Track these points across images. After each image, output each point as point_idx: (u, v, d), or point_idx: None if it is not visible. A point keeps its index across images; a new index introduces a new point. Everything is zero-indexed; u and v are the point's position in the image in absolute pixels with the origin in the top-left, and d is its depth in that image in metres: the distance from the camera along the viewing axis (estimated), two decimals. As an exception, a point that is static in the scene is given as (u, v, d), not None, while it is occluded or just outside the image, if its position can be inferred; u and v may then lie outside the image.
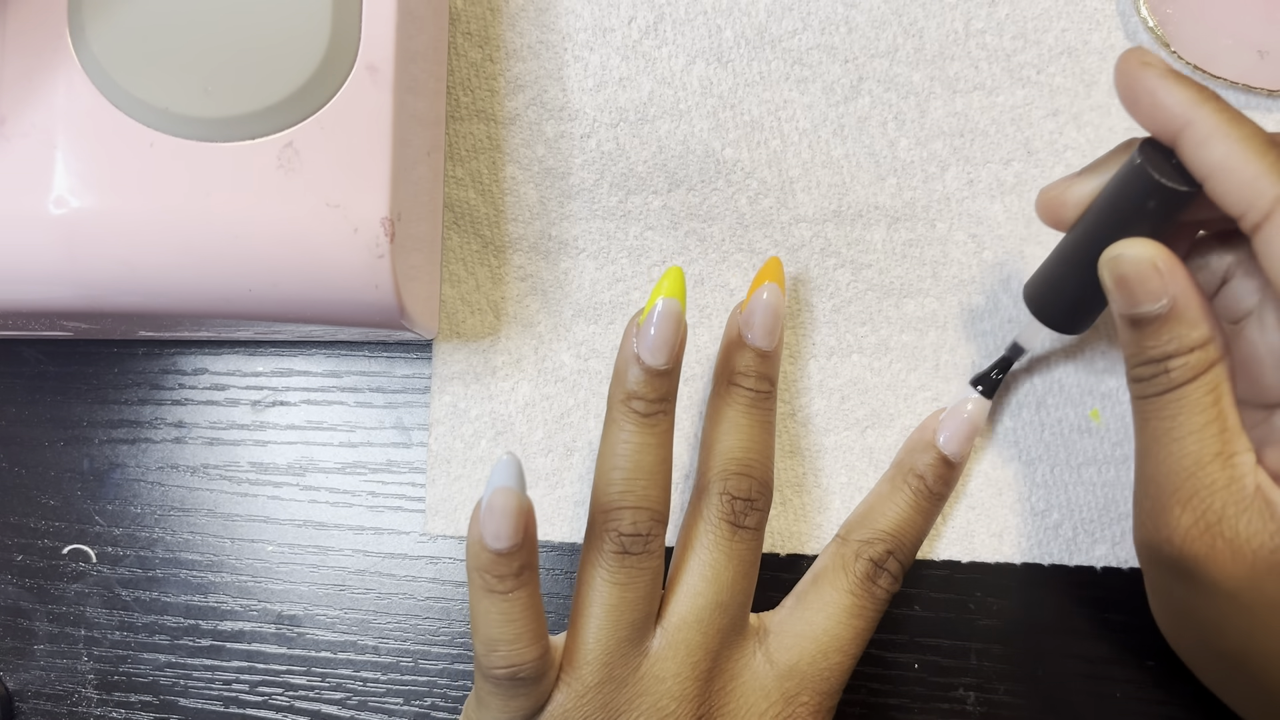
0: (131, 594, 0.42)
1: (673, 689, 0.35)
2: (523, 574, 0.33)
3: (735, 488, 0.37)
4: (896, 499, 0.39)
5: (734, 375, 0.38)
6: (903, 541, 0.38)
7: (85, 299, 0.35)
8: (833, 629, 0.37)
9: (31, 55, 0.34)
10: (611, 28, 0.42)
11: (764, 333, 0.38)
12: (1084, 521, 0.41)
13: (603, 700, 0.35)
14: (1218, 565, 0.32)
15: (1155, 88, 0.32)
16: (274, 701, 0.42)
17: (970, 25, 0.42)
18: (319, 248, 0.34)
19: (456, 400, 0.42)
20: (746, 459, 0.37)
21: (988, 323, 0.42)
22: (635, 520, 0.35)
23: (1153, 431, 0.33)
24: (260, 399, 0.43)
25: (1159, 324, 0.32)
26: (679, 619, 0.36)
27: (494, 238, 0.42)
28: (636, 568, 0.35)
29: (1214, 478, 0.32)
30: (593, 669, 0.35)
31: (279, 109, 0.34)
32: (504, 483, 0.32)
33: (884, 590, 0.38)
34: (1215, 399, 0.32)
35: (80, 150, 0.33)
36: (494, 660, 0.33)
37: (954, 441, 0.39)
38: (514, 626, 0.33)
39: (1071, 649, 0.41)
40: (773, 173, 0.42)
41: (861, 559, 0.38)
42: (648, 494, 0.35)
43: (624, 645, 0.35)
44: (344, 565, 0.42)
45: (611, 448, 0.36)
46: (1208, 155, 0.31)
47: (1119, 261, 0.33)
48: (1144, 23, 0.42)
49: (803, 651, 0.37)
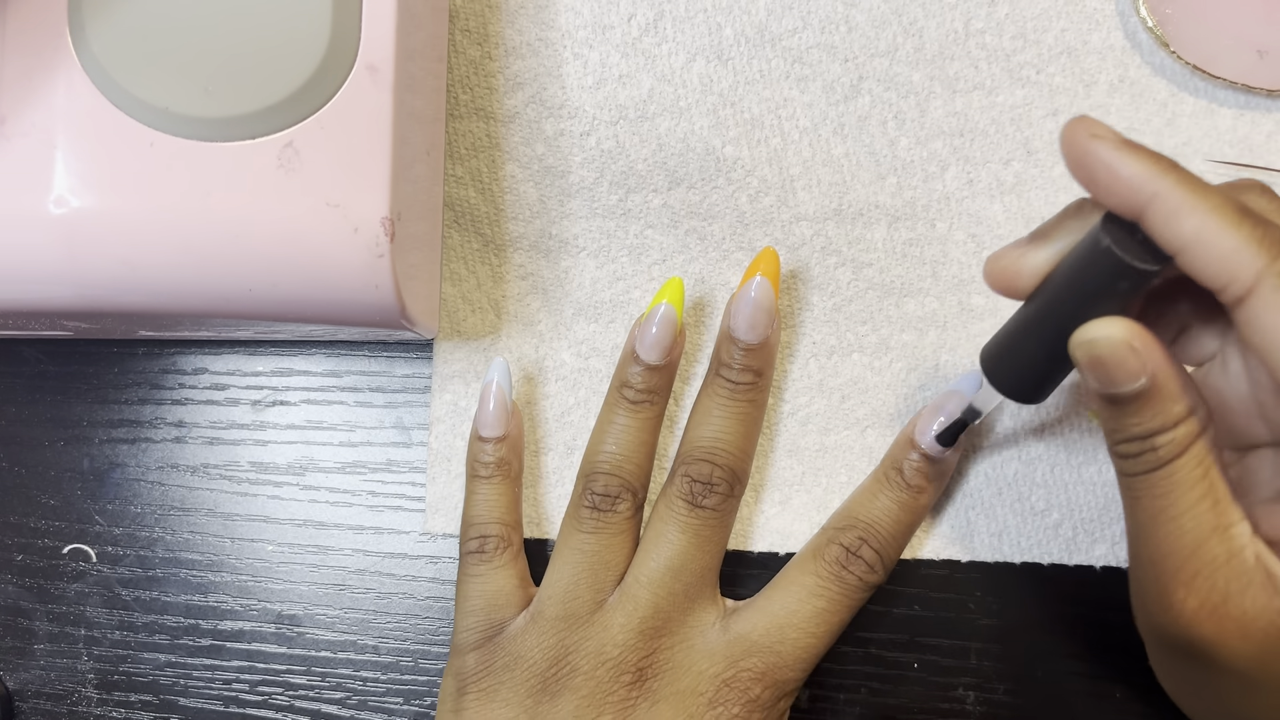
0: (131, 593, 0.42)
1: (617, 637, 0.38)
2: (502, 466, 0.40)
3: (696, 472, 0.39)
4: (876, 491, 0.40)
5: (719, 367, 0.40)
6: (877, 531, 0.39)
7: (85, 298, 0.34)
8: (790, 604, 0.38)
9: (31, 55, 0.34)
10: (611, 25, 0.42)
11: (747, 325, 0.39)
12: (1084, 521, 0.41)
13: (557, 634, 0.38)
14: (1228, 646, 0.31)
15: (1112, 161, 0.30)
16: (274, 701, 0.42)
17: (970, 25, 0.42)
18: (319, 247, 0.34)
19: (457, 399, 0.42)
20: (713, 447, 0.39)
21: (988, 322, 0.42)
22: (607, 484, 0.39)
23: (1146, 511, 0.32)
24: (260, 399, 0.43)
25: (1140, 402, 0.31)
26: (632, 578, 0.39)
27: (494, 236, 0.42)
28: (602, 521, 0.39)
29: (1214, 554, 0.31)
30: (553, 604, 0.38)
31: (279, 109, 0.34)
32: (496, 379, 0.40)
33: (855, 576, 0.38)
34: (1205, 471, 0.31)
35: (80, 150, 0.33)
36: (467, 534, 0.40)
37: (928, 435, 0.39)
38: (486, 506, 0.40)
39: (1071, 649, 0.41)
40: (773, 171, 0.42)
41: (833, 544, 0.39)
42: (623, 466, 0.39)
43: (583, 589, 0.39)
44: (344, 565, 0.42)
45: (601, 427, 0.40)
46: (1179, 229, 0.29)
47: (1094, 345, 0.31)
48: (1143, 23, 0.42)
49: (756, 623, 0.38)
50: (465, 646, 0.39)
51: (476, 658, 0.38)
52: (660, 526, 0.39)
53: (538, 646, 0.38)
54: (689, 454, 0.39)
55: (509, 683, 0.38)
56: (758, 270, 0.39)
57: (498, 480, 0.40)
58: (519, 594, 0.39)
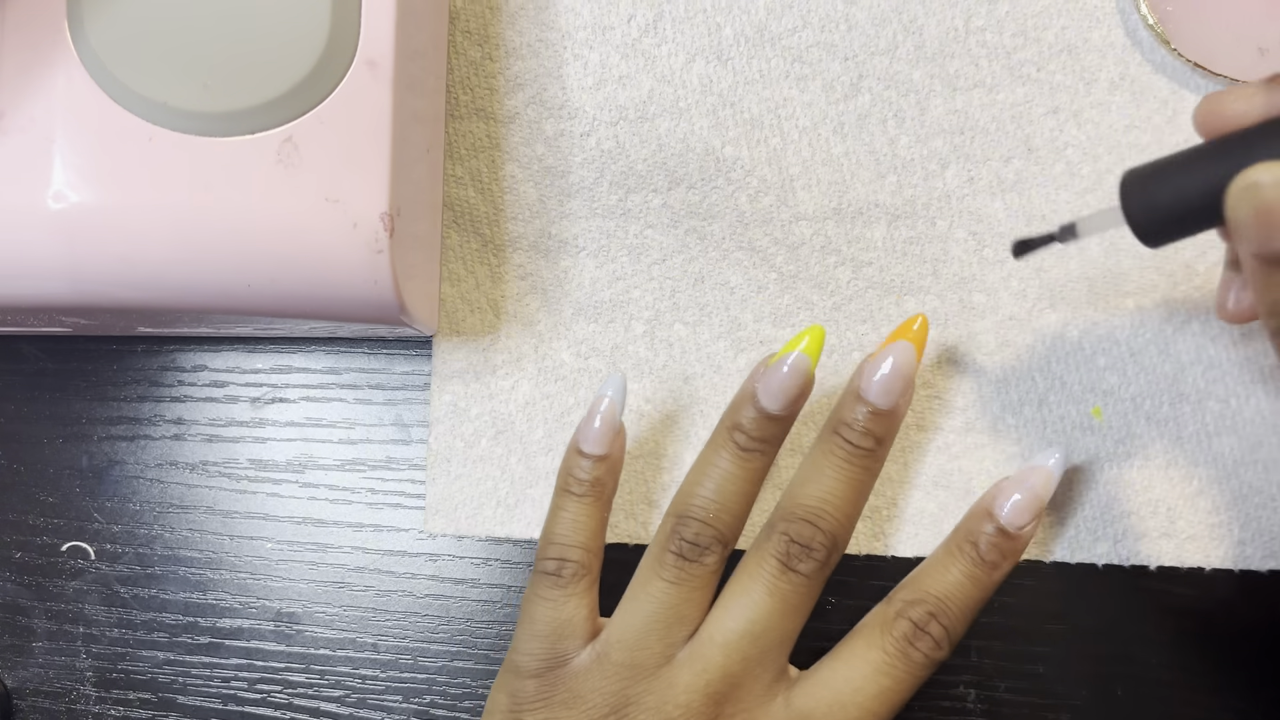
0: (130, 591, 0.42)
1: (680, 698, 0.36)
2: (596, 486, 0.38)
3: (796, 532, 0.36)
4: (948, 564, 0.37)
5: (838, 424, 0.37)
6: (948, 606, 0.37)
7: (84, 294, 0.34)
8: (855, 681, 0.36)
9: (30, 50, 0.34)
10: (611, 26, 0.42)
11: (881, 390, 0.36)
12: (1086, 519, 0.41)
13: (620, 681, 0.36)
14: None
15: None
16: (273, 699, 0.42)
17: (970, 23, 0.42)
18: (318, 243, 0.34)
19: (456, 399, 0.42)
20: (819, 508, 0.36)
21: (989, 320, 0.42)
22: (699, 532, 0.37)
23: None
24: (259, 396, 0.43)
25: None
26: (706, 636, 0.36)
27: (493, 236, 0.42)
28: (685, 572, 0.36)
29: None
30: (620, 648, 0.36)
31: (278, 104, 0.34)
32: (610, 395, 0.38)
33: (922, 654, 0.36)
34: None
35: (79, 145, 0.33)
36: (547, 552, 0.37)
37: (1014, 512, 0.37)
38: (573, 526, 0.37)
39: (1072, 647, 0.41)
40: (773, 170, 0.42)
41: (902, 618, 0.36)
42: (719, 515, 0.37)
43: (653, 640, 0.36)
44: (343, 562, 0.42)
45: (702, 467, 0.38)
46: None
47: (1258, 190, 0.27)
48: (1144, 20, 0.42)
49: (820, 699, 0.36)
50: (525, 671, 0.37)
51: (536, 686, 0.36)
52: (747, 583, 0.37)
53: (599, 690, 0.36)
54: (791, 511, 0.37)
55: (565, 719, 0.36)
56: (903, 336, 0.37)
57: (589, 501, 0.38)
58: (587, 626, 0.37)
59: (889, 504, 0.41)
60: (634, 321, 0.42)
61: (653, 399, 0.42)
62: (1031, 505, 0.37)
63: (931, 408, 0.42)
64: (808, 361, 0.36)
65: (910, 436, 0.42)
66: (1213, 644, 0.41)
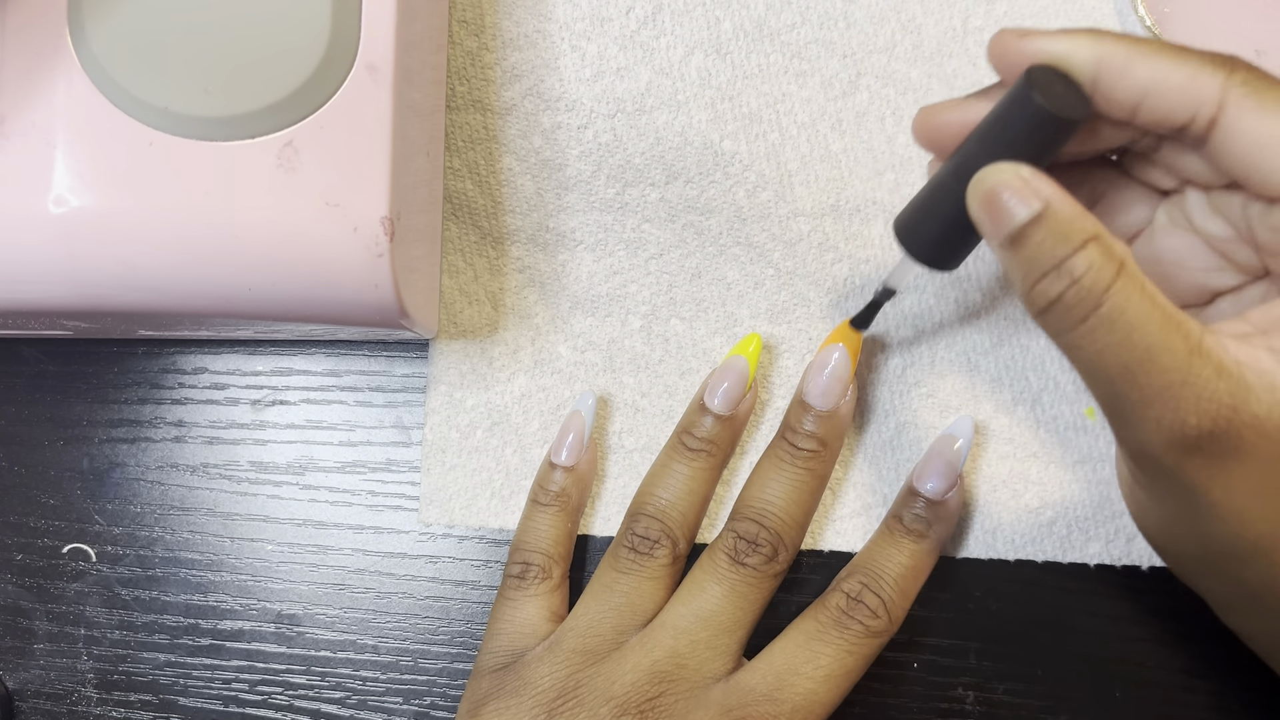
0: (131, 593, 0.42)
1: (626, 677, 0.37)
2: (561, 497, 0.40)
3: (744, 529, 0.38)
4: (880, 540, 0.40)
5: (785, 429, 0.40)
6: (879, 577, 0.38)
7: (85, 298, 0.34)
8: (790, 652, 0.37)
9: (31, 54, 0.34)
10: (609, 17, 0.42)
11: (819, 393, 0.39)
12: (1078, 519, 0.41)
13: (570, 667, 0.37)
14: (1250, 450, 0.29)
15: (1048, 46, 0.31)
16: (273, 700, 0.42)
17: (968, 22, 0.42)
18: (318, 247, 0.34)
19: (453, 391, 0.42)
20: (763, 509, 0.39)
21: (985, 318, 0.42)
22: (648, 527, 0.39)
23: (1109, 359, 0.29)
24: (260, 398, 0.43)
25: (1038, 225, 0.29)
26: (657, 622, 0.38)
27: (491, 229, 0.42)
28: (636, 563, 0.39)
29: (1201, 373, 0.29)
30: (573, 637, 0.38)
31: (279, 108, 0.34)
32: (582, 411, 0.41)
33: (859, 623, 0.37)
34: (1149, 295, 0.29)
35: (79, 149, 0.33)
36: (513, 557, 0.40)
37: (926, 482, 0.39)
38: (536, 534, 0.40)
39: (1070, 647, 0.41)
40: (771, 166, 0.42)
41: (836, 592, 0.38)
42: (668, 512, 0.39)
43: (606, 627, 0.38)
44: (343, 564, 0.42)
45: (655, 470, 0.40)
46: (1135, 77, 0.30)
47: (979, 186, 0.30)
48: (1141, 21, 0.42)
49: (760, 675, 0.37)
50: (484, 669, 0.38)
51: (491, 680, 0.38)
52: (699, 575, 0.38)
53: (549, 675, 0.37)
54: (739, 512, 0.39)
55: (515, 707, 0.37)
56: (840, 339, 0.39)
57: (554, 510, 0.40)
58: (546, 626, 0.39)
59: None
60: (631, 316, 0.42)
61: (648, 394, 0.42)
62: (944, 471, 0.39)
63: (926, 406, 0.42)
64: (746, 365, 0.40)
65: (905, 435, 0.42)
66: (1209, 644, 0.41)
